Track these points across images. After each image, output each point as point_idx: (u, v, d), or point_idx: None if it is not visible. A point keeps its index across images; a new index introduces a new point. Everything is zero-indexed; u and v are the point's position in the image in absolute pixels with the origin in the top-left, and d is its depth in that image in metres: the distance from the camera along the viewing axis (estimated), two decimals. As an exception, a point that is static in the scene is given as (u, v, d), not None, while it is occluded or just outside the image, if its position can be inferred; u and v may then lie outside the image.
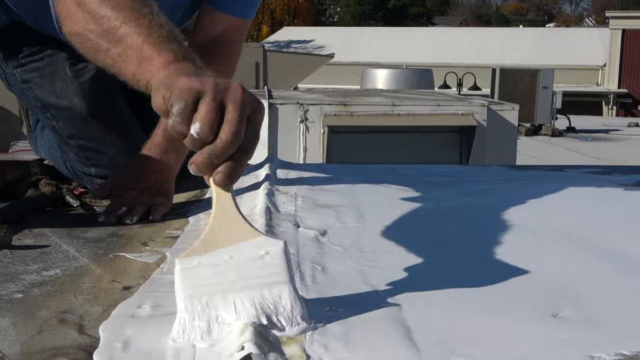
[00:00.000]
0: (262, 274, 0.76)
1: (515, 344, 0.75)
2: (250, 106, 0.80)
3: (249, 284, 0.75)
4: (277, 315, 0.74)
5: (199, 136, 0.77)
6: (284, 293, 0.75)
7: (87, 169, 1.60)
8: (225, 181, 0.78)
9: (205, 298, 0.75)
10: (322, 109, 3.93)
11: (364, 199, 1.45)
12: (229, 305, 0.75)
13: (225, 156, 0.78)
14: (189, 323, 0.74)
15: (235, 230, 0.78)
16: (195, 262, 0.76)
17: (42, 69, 1.59)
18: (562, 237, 1.17)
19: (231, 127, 0.77)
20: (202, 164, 0.78)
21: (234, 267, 0.76)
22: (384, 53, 21.24)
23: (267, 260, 0.76)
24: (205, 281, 0.75)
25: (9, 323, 0.81)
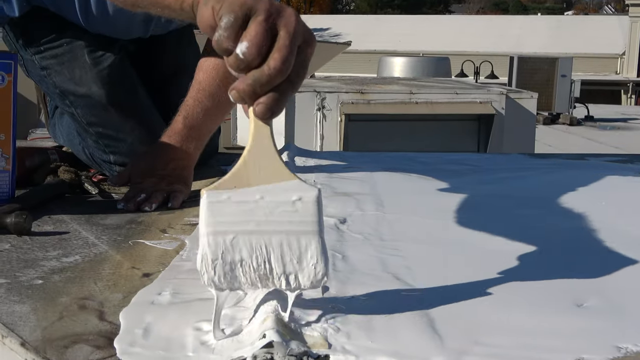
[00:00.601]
0: (292, 220, 0.71)
1: (540, 334, 0.74)
2: (303, 37, 0.75)
3: (276, 228, 0.71)
4: (299, 270, 0.71)
5: (244, 56, 0.72)
6: (312, 245, 0.71)
7: (105, 156, 1.60)
8: (266, 113, 0.74)
9: (230, 237, 0.71)
10: (339, 97, 3.91)
11: (383, 187, 1.44)
12: (254, 249, 0.71)
13: (270, 85, 0.72)
14: (211, 262, 0.70)
15: (270, 169, 0.73)
16: (224, 196, 0.72)
17: (61, 56, 1.58)
18: (586, 226, 1.15)
19: (281, 54, 0.72)
20: (244, 90, 0.73)
21: (264, 208, 0.72)
22: (401, 41, 21.15)
23: (299, 207, 0.72)
24: (232, 218, 0.71)
25: (29, 309, 0.81)
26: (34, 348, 0.70)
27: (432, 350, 0.69)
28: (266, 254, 0.71)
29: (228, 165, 1.68)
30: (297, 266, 0.71)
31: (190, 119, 1.44)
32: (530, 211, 1.26)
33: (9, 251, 1.03)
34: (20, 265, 0.97)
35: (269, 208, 0.72)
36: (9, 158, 1.26)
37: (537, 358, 0.68)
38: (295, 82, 0.75)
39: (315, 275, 0.71)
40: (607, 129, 8.99)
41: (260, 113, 0.74)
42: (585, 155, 1.95)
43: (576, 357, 0.69)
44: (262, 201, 0.72)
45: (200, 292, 0.85)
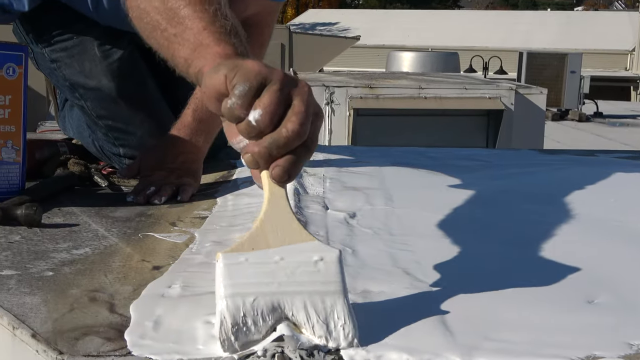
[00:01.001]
0: (315, 280, 0.69)
1: (550, 330, 0.74)
2: (314, 109, 0.76)
3: (300, 289, 0.68)
4: (327, 329, 0.67)
5: (257, 124, 0.72)
6: (338, 305, 0.68)
7: (115, 149, 1.60)
8: (283, 176, 0.73)
9: (251, 299, 0.67)
10: (347, 92, 3.91)
11: (392, 182, 1.44)
12: (276, 308, 0.68)
13: (287, 148, 0.72)
14: (231, 327, 0.66)
15: (288, 231, 0.72)
16: (242, 258, 0.70)
17: (71, 49, 1.58)
18: (597, 222, 1.15)
19: (299, 118, 0.72)
20: (259, 154, 0.72)
21: (284, 269, 0.69)
22: (409, 36, 21.11)
23: (321, 267, 0.70)
24: (252, 280, 0.68)
25: (40, 301, 0.81)
26: (45, 339, 0.70)
27: (443, 345, 0.69)
28: (292, 316, 0.68)
29: (237, 159, 1.68)
30: (325, 328, 0.68)
31: (200, 112, 1.44)
32: (540, 207, 1.26)
33: (19, 243, 1.04)
34: (31, 257, 0.97)
35: (290, 268, 0.69)
36: (19, 150, 1.26)
37: (548, 354, 0.68)
38: (310, 147, 0.75)
39: (346, 336, 0.68)
40: (616, 125, 8.96)
41: (277, 176, 0.73)
42: (595, 152, 1.94)
43: (587, 353, 0.69)
44: (283, 262, 0.70)
45: (210, 285, 0.85)
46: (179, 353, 0.68)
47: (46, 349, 0.69)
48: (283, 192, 0.75)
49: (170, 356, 0.67)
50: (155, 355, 0.67)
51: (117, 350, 0.69)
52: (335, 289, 0.69)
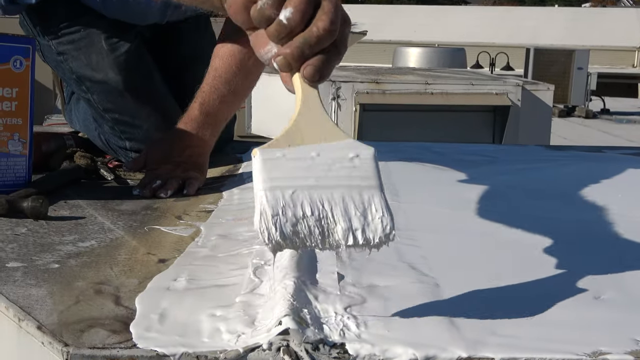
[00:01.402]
0: (352, 175, 0.69)
1: (557, 326, 0.73)
2: (342, 12, 0.74)
3: (337, 183, 0.68)
4: (366, 224, 0.67)
5: (288, 22, 0.71)
6: (376, 198, 0.68)
7: (121, 143, 1.60)
8: (315, 75, 0.72)
9: (290, 191, 0.67)
10: (354, 87, 3.90)
11: (398, 177, 1.44)
12: (316, 203, 0.67)
13: (319, 46, 0.72)
14: (271, 217, 0.66)
15: (322, 129, 0.72)
16: (279, 154, 0.69)
17: (78, 42, 1.59)
18: (603, 219, 1.14)
19: (329, 17, 0.71)
20: (291, 54, 0.72)
21: (321, 164, 0.69)
22: (416, 32, 21.06)
23: (357, 163, 0.70)
24: (290, 174, 0.68)
25: (45, 293, 0.81)
26: (50, 331, 0.70)
27: (449, 340, 0.69)
28: (330, 209, 0.67)
29: (244, 153, 1.68)
30: (363, 220, 0.68)
31: (207, 105, 1.44)
32: (546, 203, 1.25)
33: (25, 235, 1.04)
34: (37, 249, 0.97)
35: (327, 164, 0.70)
36: (26, 143, 1.26)
37: (554, 349, 0.68)
38: (340, 49, 0.74)
39: (384, 229, 0.68)
40: (623, 122, 8.93)
41: (309, 75, 0.72)
42: (602, 148, 1.93)
43: (593, 349, 0.68)
44: (319, 158, 0.70)
45: (215, 278, 0.85)
46: (184, 346, 0.68)
47: (52, 340, 0.69)
48: (316, 93, 0.74)
49: (176, 349, 0.67)
50: (161, 348, 0.67)
51: (122, 342, 0.69)
52: (372, 184, 0.69)
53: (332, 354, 0.66)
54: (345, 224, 0.68)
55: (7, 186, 1.22)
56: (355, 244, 0.68)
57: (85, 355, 0.67)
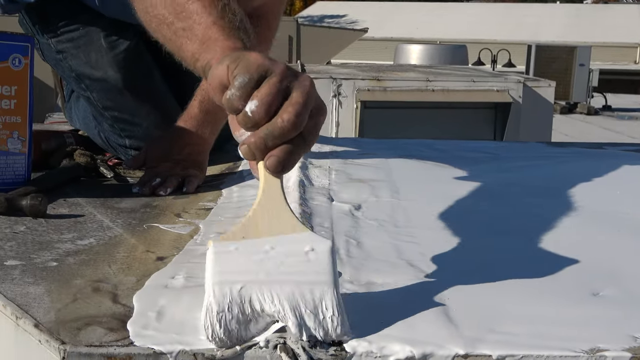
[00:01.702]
0: (305, 270, 0.68)
1: (555, 323, 0.73)
2: (316, 102, 0.75)
3: (288, 279, 0.68)
4: (316, 320, 0.66)
5: (252, 115, 0.72)
6: (327, 296, 0.67)
7: (121, 140, 1.60)
8: (277, 167, 0.73)
9: (238, 286, 0.67)
10: (355, 84, 3.90)
11: (399, 174, 1.44)
12: (264, 298, 0.67)
13: (282, 138, 0.72)
14: (216, 314, 0.66)
15: (281, 221, 0.72)
16: (232, 247, 0.70)
17: (77, 40, 1.58)
18: (603, 215, 1.14)
19: (295, 109, 0.72)
20: (255, 144, 0.72)
21: (274, 259, 0.69)
22: (418, 29, 21.05)
23: (312, 258, 0.69)
24: (241, 268, 0.68)
25: (43, 291, 0.81)
26: (47, 329, 0.70)
27: (447, 337, 0.69)
28: (280, 304, 0.67)
29: (243, 151, 1.68)
30: (314, 318, 0.66)
31: (206, 103, 1.44)
32: (546, 200, 1.25)
33: (24, 233, 1.04)
34: (35, 247, 0.97)
35: (280, 259, 0.69)
36: (25, 141, 1.26)
37: (552, 346, 0.68)
38: (307, 140, 0.74)
39: (334, 329, 0.66)
40: (624, 118, 8.93)
41: (271, 166, 0.73)
42: (603, 144, 1.93)
43: (591, 346, 0.68)
44: (273, 252, 0.70)
45: (214, 276, 0.85)
46: (181, 344, 0.68)
47: (49, 338, 0.69)
48: (278, 183, 0.74)
49: (173, 347, 0.67)
50: (158, 346, 0.67)
51: (119, 340, 0.68)
52: (325, 280, 0.68)
53: (329, 352, 0.66)
54: (296, 320, 0.66)
55: (6, 184, 1.22)
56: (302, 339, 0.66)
57: (82, 353, 0.67)
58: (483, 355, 0.67)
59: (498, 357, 0.67)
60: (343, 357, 0.66)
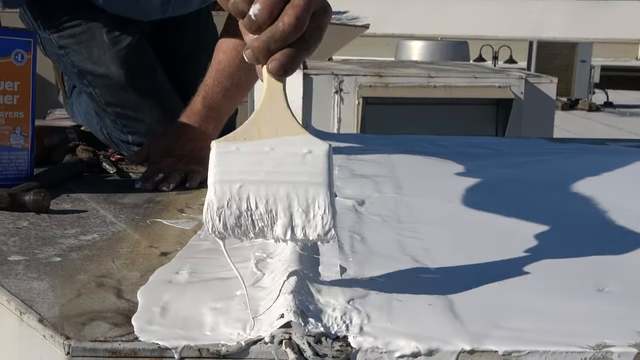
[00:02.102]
0: (301, 171, 0.71)
1: (560, 318, 0.73)
2: (319, 3, 0.75)
3: (285, 179, 0.70)
4: (306, 220, 0.70)
5: (255, 18, 0.73)
6: (320, 196, 0.70)
7: (124, 136, 1.60)
8: (279, 70, 0.74)
9: (237, 185, 0.70)
10: (357, 80, 3.90)
11: (402, 170, 1.43)
12: (261, 197, 0.70)
13: (284, 41, 0.73)
14: (216, 209, 0.70)
15: (281, 123, 0.73)
16: (233, 147, 0.72)
17: (79, 35, 1.58)
18: (607, 211, 1.14)
19: (295, 12, 0.72)
20: (258, 48, 0.73)
21: (273, 159, 0.71)
22: (419, 25, 21.01)
23: (309, 159, 0.71)
24: (241, 168, 0.71)
25: (47, 286, 0.81)
26: (52, 324, 0.70)
27: (452, 333, 0.68)
28: (273, 203, 0.70)
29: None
30: (304, 217, 0.70)
31: (210, 99, 1.44)
32: (550, 195, 1.25)
33: (27, 229, 1.04)
34: (39, 242, 0.97)
35: (279, 159, 0.71)
36: (27, 136, 1.26)
37: (558, 342, 0.67)
38: (309, 42, 0.75)
39: (323, 227, 0.70)
40: (626, 115, 8.92)
41: (273, 69, 0.74)
42: (605, 140, 1.92)
43: (597, 341, 0.68)
44: (272, 152, 0.72)
45: (218, 271, 0.85)
46: (186, 339, 0.67)
47: (53, 334, 0.69)
48: (280, 87, 0.75)
49: (178, 342, 0.67)
50: (162, 341, 0.67)
51: (124, 335, 0.68)
52: (319, 181, 0.70)
53: (335, 347, 0.66)
54: (286, 219, 0.70)
55: (9, 180, 1.22)
56: (293, 239, 0.71)
57: (86, 348, 0.66)
58: (489, 351, 0.66)
59: (504, 352, 0.66)
60: (348, 352, 0.66)
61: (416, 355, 0.66)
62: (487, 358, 0.66)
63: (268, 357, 0.66)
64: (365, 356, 0.66)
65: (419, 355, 0.66)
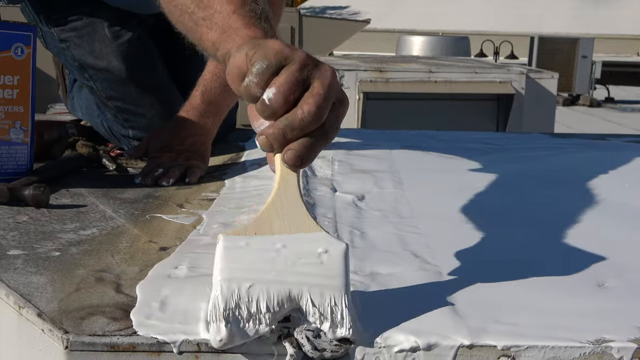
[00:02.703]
0: (317, 273, 0.66)
1: (560, 313, 0.73)
2: (337, 94, 0.72)
3: (299, 280, 0.65)
4: (321, 322, 0.65)
5: (269, 103, 0.69)
6: (337, 300, 0.65)
7: (124, 131, 1.60)
8: (296, 161, 0.70)
9: (246, 285, 0.65)
10: (357, 75, 3.89)
11: (402, 165, 1.43)
12: (271, 299, 0.65)
13: (302, 131, 0.69)
14: (222, 311, 0.64)
15: (295, 219, 0.69)
16: (243, 242, 0.67)
17: (81, 29, 1.58)
18: (608, 206, 1.14)
19: (316, 100, 0.69)
20: (273, 135, 0.70)
21: (286, 258, 0.66)
22: (420, 20, 20.99)
23: (325, 260, 0.67)
24: (250, 266, 0.66)
25: (46, 280, 0.81)
26: (50, 319, 0.70)
27: (451, 327, 0.68)
28: (288, 307, 0.65)
29: (245, 142, 1.67)
30: (321, 322, 0.65)
31: (209, 94, 1.43)
32: (552, 191, 1.24)
33: (26, 223, 1.03)
34: (38, 237, 0.97)
35: (292, 258, 0.66)
36: (27, 131, 1.26)
37: (558, 337, 0.68)
38: (328, 133, 0.71)
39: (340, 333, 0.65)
40: (627, 111, 8.91)
41: (289, 160, 0.70)
42: (607, 136, 1.92)
43: (597, 337, 0.68)
44: (285, 250, 0.67)
45: (217, 266, 0.85)
46: (185, 333, 0.67)
47: (52, 328, 0.69)
48: (295, 178, 0.71)
49: (176, 336, 0.67)
50: (161, 336, 0.67)
51: (122, 330, 0.68)
52: (336, 284, 0.66)
53: (334, 342, 0.66)
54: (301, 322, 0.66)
55: (8, 174, 1.22)
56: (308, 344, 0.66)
57: (85, 342, 0.66)
58: (488, 346, 0.66)
59: (503, 347, 0.66)
60: (347, 347, 0.66)
61: (415, 349, 0.66)
62: (486, 353, 0.66)
63: (267, 352, 0.66)
64: (364, 351, 0.66)
65: (418, 350, 0.66)
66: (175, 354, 0.66)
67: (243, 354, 0.67)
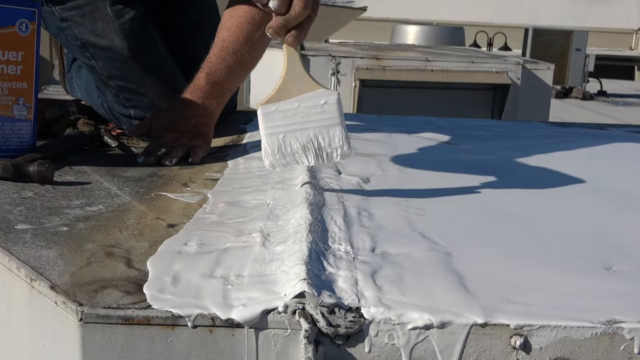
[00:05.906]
0: (322, 118, 1.00)
1: (571, 294, 0.73)
2: None
3: (313, 125, 1.00)
4: (330, 148, 1.00)
5: (274, 8, 1.02)
6: (337, 131, 1.00)
7: (126, 110, 1.59)
8: (295, 41, 1.03)
9: (281, 135, 1.00)
10: (354, 62, 3.88)
11: (404, 149, 1.43)
12: (298, 140, 1.00)
13: (296, 22, 1.02)
14: (271, 153, 0.99)
15: (302, 83, 1.01)
16: (273, 107, 1.01)
17: (82, 8, 1.56)
18: (613, 193, 1.14)
19: (302, 2, 1.01)
20: (278, 27, 1.03)
21: (301, 112, 1.00)
22: (414, 10, 20.94)
23: (326, 108, 1.00)
24: (281, 122, 1.00)
25: (56, 254, 0.81)
26: (64, 291, 0.70)
27: (464, 306, 0.69)
28: (307, 142, 1.00)
29: (247, 124, 1.67)
30: (330, 147, 1.00)
31: (213, 75, 1.43)
32: (554, 177, 1.25)
33: (32, 199, 1.03)
34: (45, 212, 0.97)
35: (305, 112, 1.01)
36: (30, 107, 1.25)
37: (569, 317, 0.68)
38: (312, 18, 1.05)
39: (343, 152, 1.00)
40: (619, 104, 8.93)
41: (291, 41, 1.03)
42: (606, 125, 1.93)
43: (608, 317, 0.68)
44: (300, 107, 1.01)
45: (226, 243, 0.85)
46: (199, 307, 0.67)
47: (66, 300, 0.68)
48: (297, 55, 1.03)
49: (191, 310, 0.67)
50: (176, 309, 0.67)
51: (136, 303, 0.68)
52: (336, 122, 1.01)
53: (348, 318, 0.66)
54: (320, 151, 1.00)
55: (11, 151, 1.21)
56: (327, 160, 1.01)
57: (100, 315, 0.66)
58: (501, 325, 0.67)
59: (516, 326, 0.67)
60: (362, 323, 0.66)
61: (429, 327, 0.66)
62: (499, 331, 0.67)
63: (281, 327, 0.66)
64: (378, 327, 0.67)
65: (432, 327, 0.66)
66: (189, 327, 0.66)
67: (257, 329, 0.67)
